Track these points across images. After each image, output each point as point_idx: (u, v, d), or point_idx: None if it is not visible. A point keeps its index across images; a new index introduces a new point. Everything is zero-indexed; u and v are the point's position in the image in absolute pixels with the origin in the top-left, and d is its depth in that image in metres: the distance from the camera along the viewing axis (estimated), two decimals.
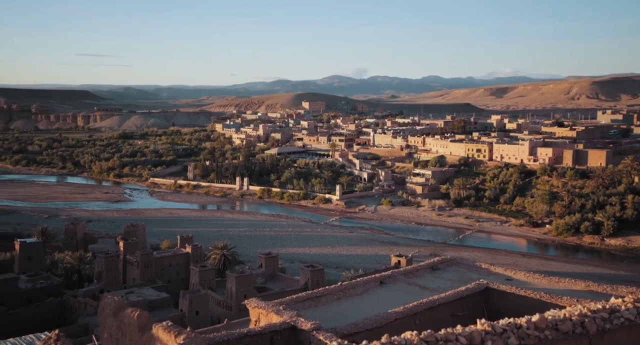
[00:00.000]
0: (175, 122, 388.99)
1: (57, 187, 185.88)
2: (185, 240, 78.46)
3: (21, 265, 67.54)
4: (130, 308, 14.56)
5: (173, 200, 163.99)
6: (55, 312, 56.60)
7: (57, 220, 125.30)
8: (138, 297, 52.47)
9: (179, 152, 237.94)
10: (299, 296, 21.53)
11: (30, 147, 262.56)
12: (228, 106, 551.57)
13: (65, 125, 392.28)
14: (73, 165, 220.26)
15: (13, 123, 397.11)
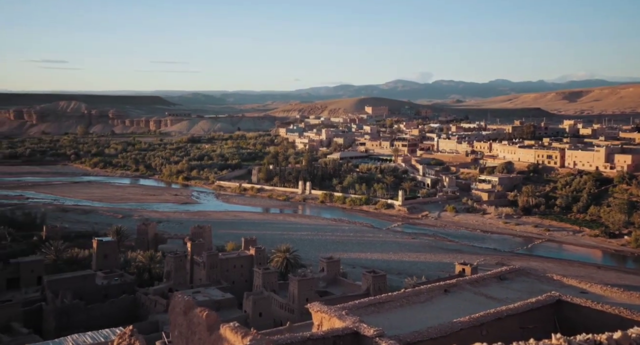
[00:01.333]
0: (241, 127, 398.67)
1: (131, 188, 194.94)
2: (249, 242, 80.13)
3: (98, 263, 71.30)
4: (200, 308, 15.10)
5: (238, 203, 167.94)
6: (127, 309, 59.33)
7: (130, 220, 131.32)
8: (204, 297, 54.09)
9: (243, 156, 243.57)
10: (362, 302, 21.48)
11: (107, 150, 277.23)
12: (292, 111, 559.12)
13: (138, 130, 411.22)
14: (145, 167, 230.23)
15: (92, 127, 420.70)
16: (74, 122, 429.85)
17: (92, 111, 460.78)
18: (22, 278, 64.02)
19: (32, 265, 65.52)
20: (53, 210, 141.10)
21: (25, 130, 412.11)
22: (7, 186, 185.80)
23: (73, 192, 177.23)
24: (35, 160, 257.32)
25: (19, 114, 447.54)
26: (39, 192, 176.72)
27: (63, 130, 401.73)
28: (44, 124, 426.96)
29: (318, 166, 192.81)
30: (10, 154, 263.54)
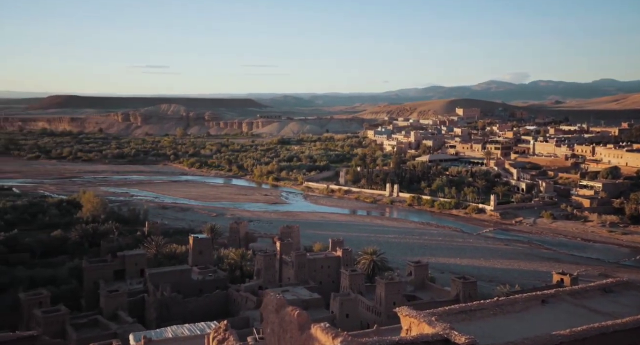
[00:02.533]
0: (329, 129, 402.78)
1: (224, 188, 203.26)
2: (336, 243, 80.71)
3: (194, 259, 75.05)
4: (291, 306, 15.48)
5: (325, 204, 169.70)
6: (220, 304, 61.93)
7: (223, 218, 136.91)
8: (293, 296, 55.22)
9: (331, 158, 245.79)
10: (452, 308, 20.96)
11: (203, 151, 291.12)
12: (380, 113, 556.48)
13: (232, 131, 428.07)
14: (237, 168, 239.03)
15: (190, 129, 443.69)
16: (173, 124, 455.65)
17: (189, 113, 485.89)
18: (127, 270, 68.82)
19: (136, 259, 70.21)
20: (154, 207, 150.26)
21: (131, 132, 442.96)
22: (115, 184, 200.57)
23: (172, 191, 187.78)
24: (139, 159, 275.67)
25: (126, 117, 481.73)
26: (142, 189, 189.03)
27: (164, 132, 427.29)
28: (148, 126, 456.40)
29: (406, 169, 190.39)
30: (118, 154, 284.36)
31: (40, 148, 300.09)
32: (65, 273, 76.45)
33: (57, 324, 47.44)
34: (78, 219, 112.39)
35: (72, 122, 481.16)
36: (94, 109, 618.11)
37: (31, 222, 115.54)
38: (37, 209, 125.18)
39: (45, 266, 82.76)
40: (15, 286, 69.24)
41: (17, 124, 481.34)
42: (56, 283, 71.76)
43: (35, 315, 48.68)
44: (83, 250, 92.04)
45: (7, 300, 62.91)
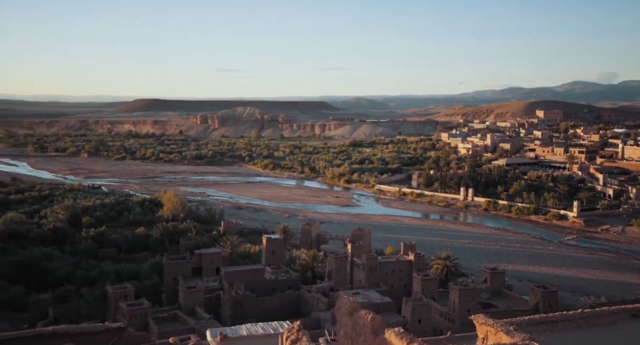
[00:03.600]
0: (402, 131, 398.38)
1: (296, 189, 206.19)
2: (408, 247, 79.67)
3: (267, 259, 76.67)
4: (365, 310, 15.43)
5: (397, 208, 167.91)
6: (292, 304, 62.86)
7: (295, 220, 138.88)
8: (364, 299, 55.07)
9: (404, 161, 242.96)
10: (532, 318, 20.11)
11: (276, 153, 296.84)
12: (455, 115, 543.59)
13: (304, 134, 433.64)
14: (310, 170, 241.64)
15: (264, 131, 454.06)
16: (248, 126, 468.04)
17: (264, 116, 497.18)
18: (204, 268, 71.42)
19: (212, 257, 72.72)
20: (229, 208, 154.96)
21: (208, 134, 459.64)
22: (193, 184, 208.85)
23: (246, 191, 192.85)
24: (216, 161, 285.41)
25: (204, 119, 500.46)
26: (219, 190, 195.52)
27: (239, 134, 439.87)
28: (224, 128, 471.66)
29: (482, 172, 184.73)
30: (196, 155, 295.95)
31: (126, 149, 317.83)
32: (148, 268, 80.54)
33: (140, 317, 50.07)
34: (159, 218, 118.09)
35: (155, 124, 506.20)
36: (175, 112, 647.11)
37: (117, 220, 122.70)
38: (122, 207, 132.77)
39: (129, 261, 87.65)
40: (103, 280, 73.83)
41: (106, 126, 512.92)
42: (139, 278, 75.76)
43: (121, 307, 51.64)
44: (164, 248, 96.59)
45: (97, 292, 67.20)
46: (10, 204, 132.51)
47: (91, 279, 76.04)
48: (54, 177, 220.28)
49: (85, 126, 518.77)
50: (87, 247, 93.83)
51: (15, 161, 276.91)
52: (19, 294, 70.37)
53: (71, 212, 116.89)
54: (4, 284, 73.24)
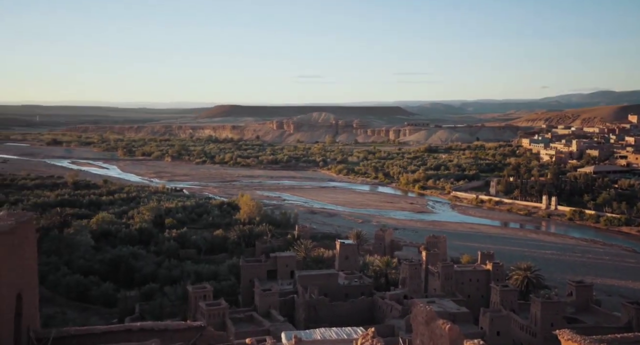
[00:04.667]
0: (480, 137, 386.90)
1: (370, 195, 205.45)
2: (485, 256, 77.13)
3: (340, 264, 76.90)
4: (442, 320, 15.12)
5: (474, 215, 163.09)
6: (365, 310, 62.58)
7: (368, 225, 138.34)
8: (439, 308, 53.81)
9: (481, 167, 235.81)
10: (625, 337, 18.86)
11: (350, 158, 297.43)
12: (537, 120, 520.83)
13: (379, 139, 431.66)
14: (384, 175, 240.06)
15: (338, 136, 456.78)
16: (323, 132, 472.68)
17: (339, 121, 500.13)
18: (279, 271, 72.72)
19: (286, 260, 73.93)
20: (304, 212, 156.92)
21: (284, 139, 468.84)
22: (269, 188, 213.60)
23: (320, 196, 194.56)
24: (291, 165, 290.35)
25: (280, 124, 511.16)
26: (293, 194, 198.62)
27: (314, 139, 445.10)
28: (299, 133, 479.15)
29: (566, 180, 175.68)
30: (272, 160, 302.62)
31: (206, 154, 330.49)
32: (225, 270, 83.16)
33: (218, 316, 51.77)
34: (236, 220, 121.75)
35: (233, 129, 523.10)
36: (252, 118, 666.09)
37: (197, 222, 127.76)
38: (202, 209, 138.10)
39: (208, 262, 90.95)
40: (184, 279, 77.07)
41: (188, 131, 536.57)
42: (217, 279, 78.37)
43: (200, 307, 53.65)
44: (240, 250, 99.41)
45: (178, 291, 70.26)
46: (102, 205, 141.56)
47: (173, 278, 79.56)
48: (140, 179, 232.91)
49: (169, 131, 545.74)
50: (170, 247, 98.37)
51: (107, 164, 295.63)
52: (109, 290, 74.96)
53: (155, 213, 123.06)
54: (96, 280, 78.26)
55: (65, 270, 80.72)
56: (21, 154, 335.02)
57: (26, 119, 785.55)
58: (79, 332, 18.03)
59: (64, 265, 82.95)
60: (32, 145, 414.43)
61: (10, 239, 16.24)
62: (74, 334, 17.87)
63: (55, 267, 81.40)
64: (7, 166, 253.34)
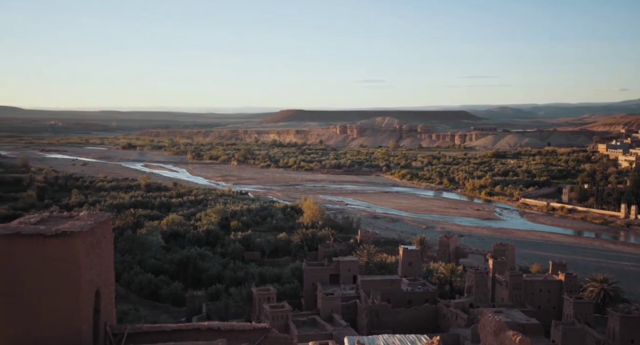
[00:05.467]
0: (551, 142, 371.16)
1: (434, 200, 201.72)
2: (558, 266, 73.68)
3: (403, 270, 75.87)
4: (512, 331, 14.55)
5: (544, 223, 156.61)
6: (428, 317, 61.38)
7: (432, 231, 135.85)
8: (507, 318, 51.84)
9: (553, 173, 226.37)
10: None
11: (414, 163, 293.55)
12: (615, 125, 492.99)
13: (444, 144, 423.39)
14: (448, 181, 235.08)
15: (402, 141, 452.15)
16: (387, 136, 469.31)
17: (402, 126, 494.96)
18: (341, 275, 72.67)
19: (349, 265, 73.75)
20: (366, 217, 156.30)
21: (347, 143, 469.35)
22: (332, 192, 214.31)
23: (383, 201, 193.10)
24: (354, 170, 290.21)
25: (344, 129, 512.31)
26: (356, 199, 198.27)
27: (377, 144, 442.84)
28: (362, 138, 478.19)
29: None
30: (335, 164, 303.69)
31: (270, 158, 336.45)
32: (288, 273, 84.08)
33: (281, 319, 52.37)
34: (299, 224, 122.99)
35: (297, 134, 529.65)
36: (315, 122, 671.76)
37: (261, 224, 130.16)
38: (266, 212, 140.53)
39: (272, 265, 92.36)
40: (248, 281, 78.63)
41: (254, 136, 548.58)
42: (281, 281, 79.39)
43: (264, 308, 54.49)
44: (303, 253, 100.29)
45: (243, 292, 71.74)
46: (172, 207, 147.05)
47: (238, 280, 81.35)
48: (207, 182, 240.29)
49: (235, 136, 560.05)
50: (235, 249, 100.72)
51: (177, 167, 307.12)
52: (178, 289, 77.66)
53: (222, 216, 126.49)
54: (166, 280, 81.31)
55: (138, 269, 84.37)
56: (99, 157, 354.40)
57: (104, 124, 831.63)
58: (151, 329, 18.73)
59: (136, 264, 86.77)
60: (109, 149, 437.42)
61: (90, 238, 17.15)
62: (146, 330, 18.59)
63: (129, 266, 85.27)
64: (86, 169, 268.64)
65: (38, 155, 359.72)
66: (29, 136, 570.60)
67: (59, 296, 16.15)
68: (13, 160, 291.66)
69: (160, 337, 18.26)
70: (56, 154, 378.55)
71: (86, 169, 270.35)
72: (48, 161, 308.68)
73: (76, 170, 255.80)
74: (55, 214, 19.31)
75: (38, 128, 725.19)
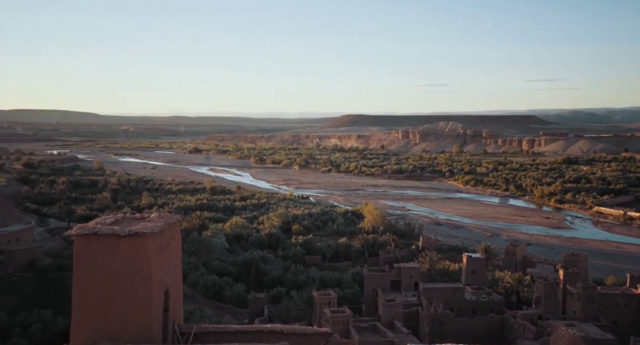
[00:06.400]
0: (629, 148, 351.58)
1: (499, 208, 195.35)
2: (636, 279, 69.28)
3: (467, 278, 73.89)
4: None
5: (621, 233, 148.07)
6: (494, 328, 59.36)
7: (498, 239, 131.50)
8: (580, 333, 49.23)
9: (631, 181, 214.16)
10: None
11: (479, 169, 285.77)
12: None
13: (510, 149, 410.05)
14: (515, 187, 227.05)
15: (466, 146, 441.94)
16: (450, 141, 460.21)
17: (467, 131, 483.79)
18: (402, 282, 71.71)
19: (411, 271, 72.66)
20: (428, 223, 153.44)
21: (409, 148, 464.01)
22: (393, 198, 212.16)
23: (445, 207, 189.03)
24: (416, 175, 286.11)
25: (406, 134, 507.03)
26: (418, 205, 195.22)
27: (440, 149, 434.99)
28: (425, 143, 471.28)
29: None
30: (397, 169, 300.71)
31: (332, 162, 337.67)
32: (349, 278, 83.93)
33: (342, 324, 52.27)
34: (360, 229, 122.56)
35: (358, 139, 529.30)
36: (377, 127, 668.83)
37: (322, 229, 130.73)
38: (327, 217, 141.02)
39: (333, 270, 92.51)
40: (309, 285, 79.10)
41: (315, 141, 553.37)
42: (341, 286, 79.36)
43: (325, 313, 54.60)
44: (364, 259, 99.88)
45: (304, 296, 72.24)
46: (236, 210, 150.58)
47: (299, 283, 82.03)
48: (270, 186, 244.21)
49: (297, 140, 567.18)
50: (296, 252, 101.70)
51: (240, 171, 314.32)
52: (241, 291, 79.25)
53: (283, 219, 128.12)
54: (230, 281, 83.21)
55: (203, 270, 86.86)
56: (168, 161, 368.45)
57: (172, 129, 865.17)
58: (216, 330, 19.17)
59: (202, 266, 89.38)
60: (177, 153, 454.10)
61: (160, 239, 17.79)
62: (212, 330, 19.05)
63: (195, 267, 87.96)
64: (156, 172, 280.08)
65: (112, 158, 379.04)
66: (104, 141, 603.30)
67: (132, 294, 16.85)
68: (90, 163, 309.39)
69: (224, 337, 18.65)
70: (128, 158, 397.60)
71: (156, 172, 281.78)
72: (121, 164, 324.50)
73: (146, 173, 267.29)
74: (128, 215, 20.19)
75: (113, 133, 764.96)
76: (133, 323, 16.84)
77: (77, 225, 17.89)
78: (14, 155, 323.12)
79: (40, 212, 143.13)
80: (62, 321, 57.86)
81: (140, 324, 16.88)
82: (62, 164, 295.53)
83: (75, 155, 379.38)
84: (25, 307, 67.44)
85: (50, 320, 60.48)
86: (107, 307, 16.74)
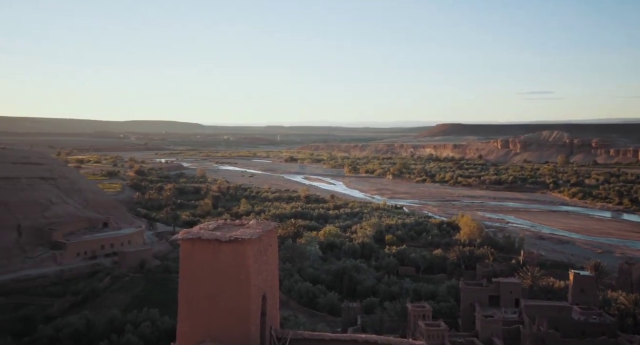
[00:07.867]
0: None
1: (612, 222, 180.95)
2: None
3: (574, 296, 68.89)
4: None
5: None
6: None
7: (610, 256, 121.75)
8: None
9: None
10: None
11: (587, 181, 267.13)
12: None
13: (624, 160, 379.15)
14: (630, 201, 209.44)
15: (573, 157, 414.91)
16: (554, 151, 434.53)
17: (573, 140, 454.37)
18: (502, 297, 68.31)
19: (510, 287, 69.04)
20: (530, 237, 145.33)
21: (509, 158, 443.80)
22: (491, 209, 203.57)
23: (549, 221, 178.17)
24: (516, 186, 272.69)
25: (505, 143, 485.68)
26: (518, 217, 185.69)
27: (543, 159, 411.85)
28: (526, 153, 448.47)
29: None
30: (496, 180, 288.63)
31: (426, 172, 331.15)
32: (444, 290, 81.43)
33: (437, 338, 50.79)
34: (456, 241, 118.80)
35: (454, 148, 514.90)
36: (474, 136, 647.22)
37: (416, 240, 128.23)
38: (421, 227, 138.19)
39: (427, 281, 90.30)
40: (403, 296, 77.71)
41: (409, 150, 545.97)
42: (436, 299, 77.16)
43: (419, 326, 53.34)
44: (459, 272, 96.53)
45: (397, 307, 71.07)
46: (329, 218, 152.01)
47: (392, 294, 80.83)
48: (363, 196, 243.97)
49: (391, 150, 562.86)
50: (390, 263, 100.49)
51: (334, 180, 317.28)
52: (334, 300, 79.60)
53: (376, 229, 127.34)
54: (323, 289, 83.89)
55: (297, 277, 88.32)
56: (265, 170, 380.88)
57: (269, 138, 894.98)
58: (311, 337, 19.30)
59: (296, 273, 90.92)
60: (273, 162, 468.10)
61: (258, 245, 18.28)
62: (307, 337, 19.20)
63: (289, 274, 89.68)
64: (253, 180, 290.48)
65: (213, 167, 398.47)
66: (207, 149, 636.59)
67: (232, 298, 17.43)
68: (193, 171, 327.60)
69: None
70: (228, 166, 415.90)
71: (253, 180, 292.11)
72: (221, 172, 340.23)
73: (245, 181, 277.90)
74: (228, 222, 20.99)
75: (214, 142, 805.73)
76: (233, 325, 17.40)
77: (183, 230, 18.86)
78: (128, 163, 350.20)
79: (149, 216, 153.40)
80: (168, 321, 61.28)
81: (239, 326, 17.40)
82: (169, 171, 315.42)
83: (181, 164, 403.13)
84: (136, 306, 72.21)
85: (157, 319, 64.26)
86: (209, 308, 17.43)
